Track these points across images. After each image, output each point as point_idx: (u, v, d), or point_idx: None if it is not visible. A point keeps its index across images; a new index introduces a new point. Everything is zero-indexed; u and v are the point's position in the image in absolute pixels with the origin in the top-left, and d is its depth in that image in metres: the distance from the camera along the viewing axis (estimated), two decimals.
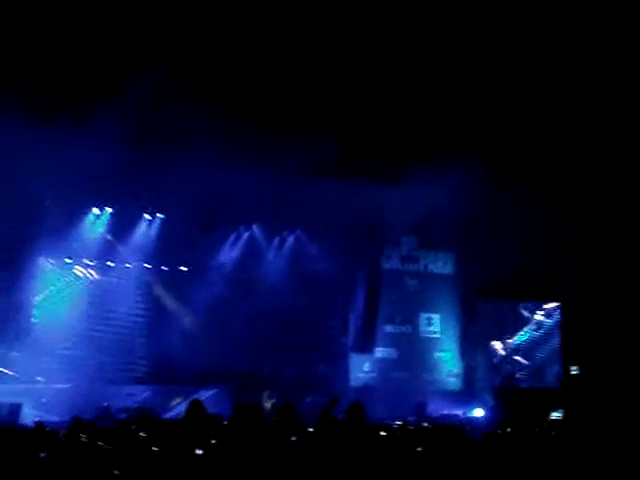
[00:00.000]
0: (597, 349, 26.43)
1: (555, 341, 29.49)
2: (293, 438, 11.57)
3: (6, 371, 23.34)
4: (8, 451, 11.55)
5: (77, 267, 24.90)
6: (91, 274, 25.15)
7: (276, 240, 27.33)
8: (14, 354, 23.45)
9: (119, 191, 23.32)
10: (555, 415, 23.43)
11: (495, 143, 23.43)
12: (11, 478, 9.81)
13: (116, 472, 10.11)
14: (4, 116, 19.31)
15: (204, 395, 23.03)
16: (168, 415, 22.81)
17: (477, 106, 22.89)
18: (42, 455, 10.89)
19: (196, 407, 11.26)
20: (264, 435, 11.49)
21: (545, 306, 29.60)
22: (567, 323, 28.83)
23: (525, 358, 29.31)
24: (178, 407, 22.97)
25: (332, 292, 27.22)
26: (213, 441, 10.98)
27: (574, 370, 27.38)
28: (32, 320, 23.54)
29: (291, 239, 27.29)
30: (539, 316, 29.60)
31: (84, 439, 12.91)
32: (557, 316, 29.63)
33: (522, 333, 29.48)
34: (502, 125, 23.26)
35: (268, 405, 23.17)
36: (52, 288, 24.46)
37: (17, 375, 23.33)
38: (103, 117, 20.47)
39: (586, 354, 27.04)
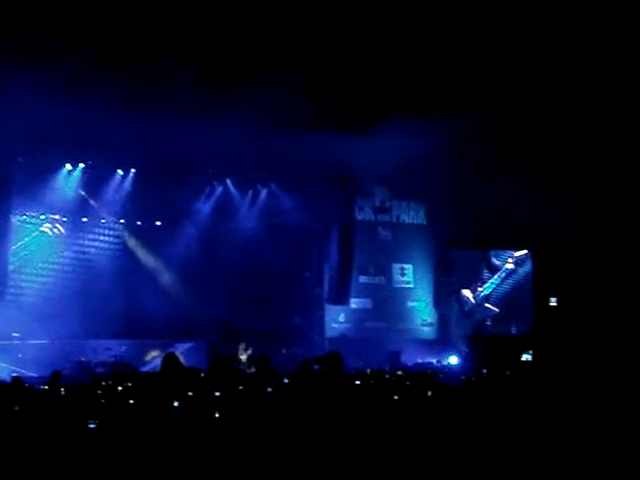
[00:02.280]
0: (567, 293, 26.80)
1: (524, 288, 29.79)
2: (269, 389, 11.71)
3: None
4: None
5: (49, 224, 24.80)
6: (64, 230, 25.07)
7: (249, 193, 27.31)
8: None
9: (91, 147, 23.17)
10: (525, 357, 23.87)
11: (466, 93, 23.43)
12: None
13: (92, 425, 10.19)
14: None
15: (181, 348, 23.19)
16: (145, 368, 22.93)
17: (447, 57, 22.84)
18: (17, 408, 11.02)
19: (171, 360, 11.30)
20: (240, 386, 11.65)
21: (515, 254, 29.88)
22: (538, 270, 29.11)
23: (495, 305, 29.63)
24: (155, 360, 23.09)
25: (306, 244, 27.33)
26: (190, 393, 11.09)
27: (553, 302, 27.79)
28: (7, 277, 23.47)
29: (264, 192, 27.28)
30: (509, 264, 29.91)
31: (63, 393, 13.03)
32: (527, 264, 29.91)
33: (492, 281, 29.78)
34: (472, 76, 23.25)
35: (244, 357, 23.31)
36: (25, 243, 24.33)
37: None
38: (74, 72, 20.32)
39: (557, 296, 27.44)
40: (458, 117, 22.85)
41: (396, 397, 11.83)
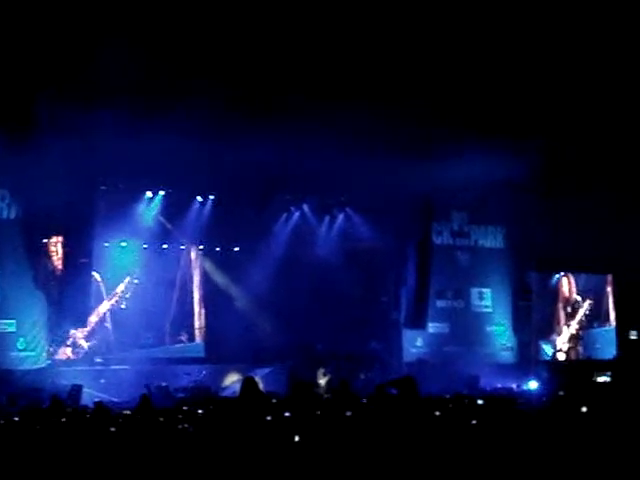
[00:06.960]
0: None
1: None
2: (348, 413, 11.77)
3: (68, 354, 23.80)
4: (73, 429, 11.99)
5: (132, 248, 25.10)
6: (145, 254, 25.36)
7: (326, 218, 27.40)
8: (73, 333, 23.87)
9: (171, 175, 23.48)
10: (602, 378, 23.44)
11: (549, 120, 23.36)
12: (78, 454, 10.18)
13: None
14: (61, 102, 19.72)
15: (260, 373, 23.24)
16: (225, 393, 23.11)
17: (528, 82, 22.81)
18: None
19: (250, 384, 11.39)
20: (320, 410, 11.73)
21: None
22: (620, 293, 28.75)
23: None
24: (234, 385, 23.20)
25: (383, 268, 27.33)
26: (268, 418, 11.18)
27: (633, 335, 27.39)
28: (91, 304, 23.88)
29: (341, 217, 27.34)
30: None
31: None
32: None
33: None
34: (558, 102, 23.17)
35: (323, 382, 23.35)
36: (109, 267, 24.66)
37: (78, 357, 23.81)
38: (159, 104, 20.76)
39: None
40: (534, 143, 22.80)
41: (474, 422, 11.77)
